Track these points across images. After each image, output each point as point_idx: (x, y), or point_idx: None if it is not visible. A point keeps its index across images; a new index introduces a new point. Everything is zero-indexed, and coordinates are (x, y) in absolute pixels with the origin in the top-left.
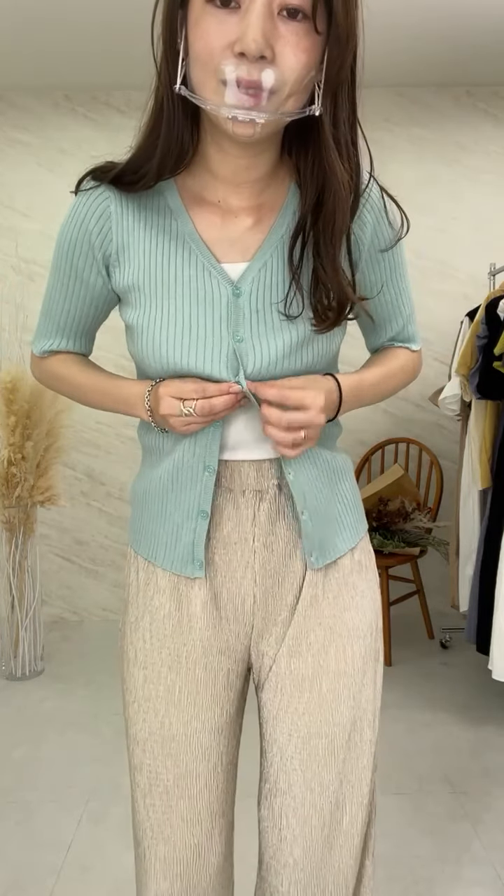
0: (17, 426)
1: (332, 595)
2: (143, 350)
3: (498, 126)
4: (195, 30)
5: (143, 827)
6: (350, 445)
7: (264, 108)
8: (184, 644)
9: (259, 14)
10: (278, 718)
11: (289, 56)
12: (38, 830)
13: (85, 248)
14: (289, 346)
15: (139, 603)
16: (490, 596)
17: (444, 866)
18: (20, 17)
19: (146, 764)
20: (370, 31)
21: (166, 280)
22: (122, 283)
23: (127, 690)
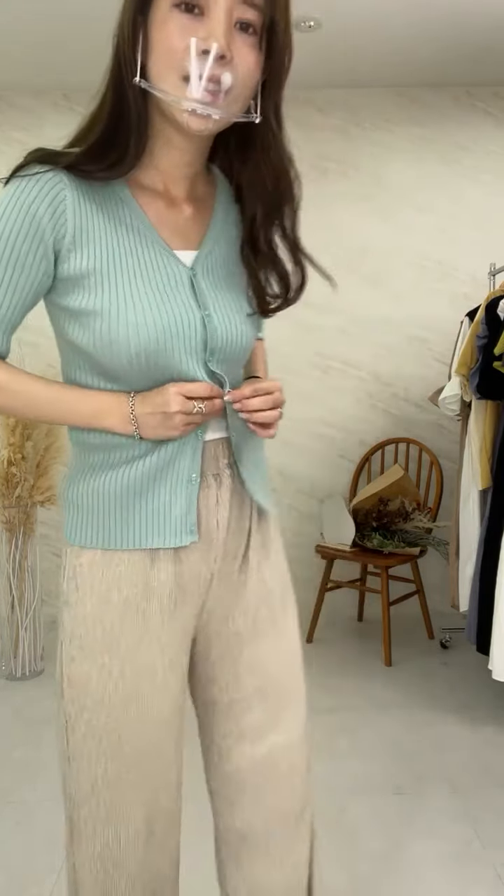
0: (17, 426)
1: (269, 558)
2: (109, 330)
3: (498, 126)
4: (160, 31)
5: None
6: (350, 445)
7: (220, 107)
8: (147, 621)
9: (223, 20)
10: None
11: (242, 62)
12: (38, 830)
13: (31, 232)
14: (243, 323)
15: (94, 594)
16: (490, 596)
17: (444, 866)
18: (20, 17)
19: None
20: (370, 32)
21: (129, 263)
22: (78, 268)
23: (86, 686)
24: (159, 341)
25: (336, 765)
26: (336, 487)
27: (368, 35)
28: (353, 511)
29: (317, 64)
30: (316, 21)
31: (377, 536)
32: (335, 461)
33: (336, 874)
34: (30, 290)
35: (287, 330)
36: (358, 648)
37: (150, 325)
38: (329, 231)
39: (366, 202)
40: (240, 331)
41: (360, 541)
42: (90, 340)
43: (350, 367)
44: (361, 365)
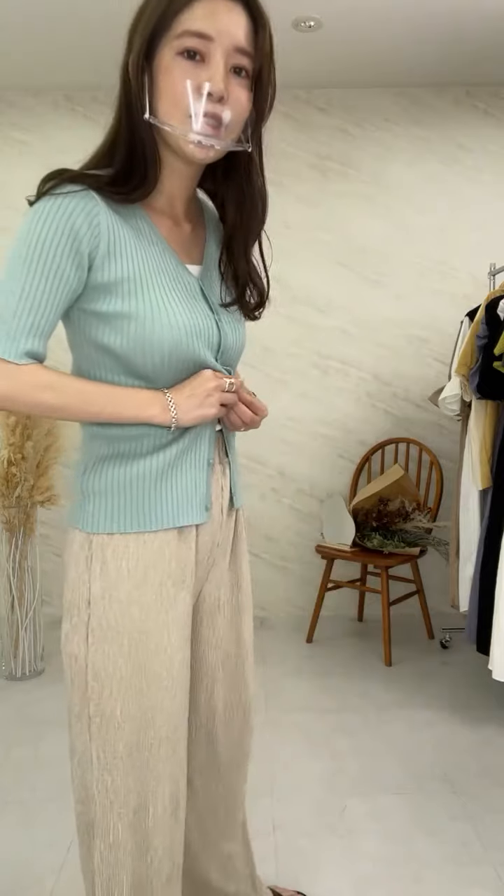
0: (17, 426)
1: (240, 538)
2: (144, 331)
3: (498, 126)
4: (166, 76)
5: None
6: (350, 445)
7: (220, 138)
8: (176, 595)
9: (221, 67)
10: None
11: (236, 100)
12: (38, 830)
13: (70, 243)
14: (240, 327)
15: (130, 576)
16: (490, 596)
17: (444, 866)
18: (20, 17)
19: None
20: (370, 32)
21: (155, 272)
22: (111, 276)
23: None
24: (188, 341)
25: (336, 765)
26: (336, 487)
27: (368, 35)
28: (353, 511)
29: (317, 64)
30: (316, 21)
31: (377, 536)
32: (335, 461)
33: (336, 874)
34: (65, 298)
35: (287, 330)
36: (358, 648)
37: (180, 326)
38: (329, 231)
39: (366, 202)
40: (240, 333)
41: (360, 541)
42: (123, 342)
43: (350, 367)
44: (361, 365)
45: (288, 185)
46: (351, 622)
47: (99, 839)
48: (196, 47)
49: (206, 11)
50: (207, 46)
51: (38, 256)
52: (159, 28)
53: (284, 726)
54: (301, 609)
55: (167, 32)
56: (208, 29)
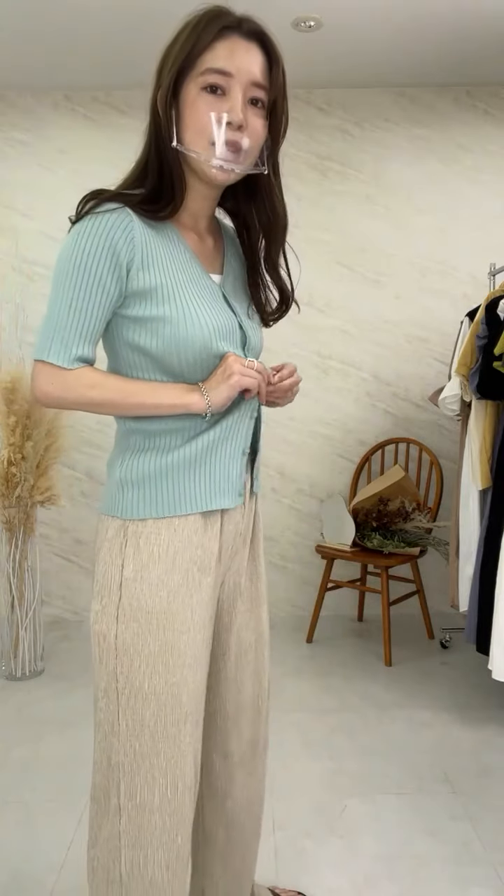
0: (17, 426)
1: (258, 531)
2: (176, 334)
3: (498, 126)
4: (192, 108)
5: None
6: (350, 445)
7: (240, 163)
8: (202, 578)
9: (240, 100)
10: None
11: (254, 128)
12: (38, 830)
13: (110, 256)
14: (259, 330)
15: (161, 560)
16: (490, 596)
17: (444, 866)
18: (21, 17)
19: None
20: (370, 32)
21: (185, 280)
22: (146, 284)
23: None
24: (216, 340)
25: (336, 765)
26: (336, 487)
27: (368, 35)
28: (353, 511)
29: (317, 64)
30: (316, 21)
31: (377, 536)
32: (335, 461)
33: (336, 874)
34: (108, 307)
35: (287, 330)
36: (358, 648)
37: (209, 326)
38: (329, 231)
39: (366, 202)
40: (259, 335)
41: (360, 541)
42: (159, 343)
43: (350, 367)
44: (361, 365)
45: (288, 185)
46: (351, 622)
47: (127, 799)
48: (218, 83)
49: (226, 51)
50: (228, 82)
51: (84, 271)
52: (185, 66)
53: (284, 726)
54: (301, 609)
55: (192, 70)
56: (228, 66)
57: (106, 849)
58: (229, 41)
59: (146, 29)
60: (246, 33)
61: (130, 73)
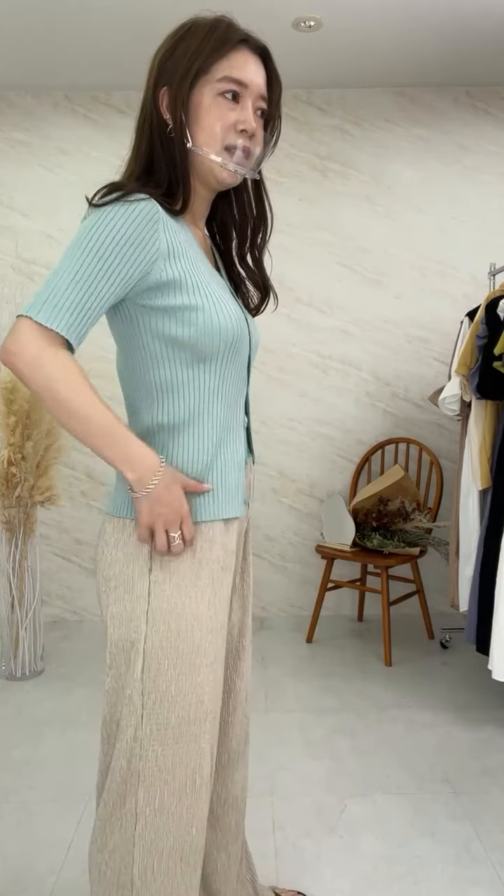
0: (17, 426)
1: (249, 529)
2: (208, 322)
3: (498, 126)
4: (207, 113)
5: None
6: (350, 445)
7: (249, 167)
8: (224, 577)
9: (251, 110)
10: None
11: (260, 138)
12: (38, 830)
13: (139, 243)
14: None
15: (190, 562)
16: (490, 596)
17: (444, 866)
18: (21, 17)
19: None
20: (370, 32)
21: (204, 271)
22: (175, 274)
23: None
24: (241, 327)
25: (336, 765)
26: (336, 487)
27: (368, 35)
28: (353, 511)
29: (317, 64)
30: (316, 21)
31: (377, 536)
32: (335, 461)
33: (336, 874)
34: (120, 292)
35: (287, 330)
36: (358, 648)
37: (234, 315)
38: (329, 231)
39: (366, 202)
40: (257, 328)
41: (360, 541)
42: (192, 331)
43: (350, 367)
44: (361, 365)
45: (288, 185)
46: (351, 622)
47: (145, 804)
48: (235, 90)
49: (242, 62)
50: (243, 91)
51: (106, 250)
52: (201, 70)
53: (284, 726)
54: (301, 609)
55: (206, 75)
56: (245, 77)
57: (117, 854)
58: (243, 53)
59: (146, 29)
60: (253, 48)
61: (130, 73)
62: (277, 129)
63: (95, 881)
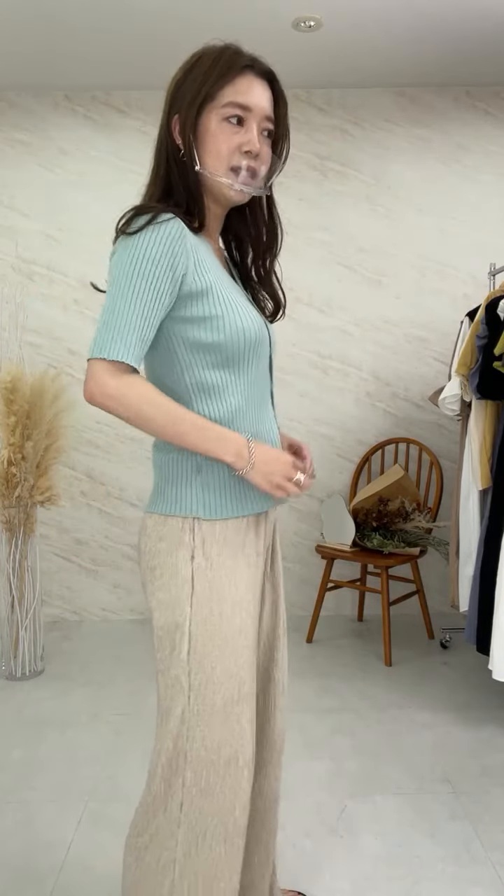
0: (17, 426)
1: (276, 522)
2: (234, 327)
3: (498, 126)
4: (214, 137)
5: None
6: (350, 445)
7: (257, 187)
8: (257, 568)
9: (256, 132)
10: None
11: (265, 157)
12: (38, 830)
13: (169, 266)
14: None
15: (230, 555)
16: (490, 596)
17: (444, 866)
18: (21, 17)
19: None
20: (371, 32)
21: (224, 281)
22: (201, 285)
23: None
24: (261, 330)
25: (336, 765)
26: (336, 487)
27: (369, 35)
28: (353, 511)
29: (317, 64)
30: (316, 21)
31: (377, 536)
32: (335, 461)
33: (336, 874)
34: (162, 315)
35: (287, 330)
36: (358, 648)
37: (255, 319)
38: (329, 231)
39: (366, 202)
40: (273, 335)
41: (360, 541)
42: (220, 336)
43: (350, 367)
44: (361, 365)
45: (288, 185)
46: (351, 622)
47: (192, 785)
48: (240, 115)
49: (246, 87)
50: (247, 115)
51: (147, 278)
52: (207, 97)
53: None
54: (301, 609)
55: (213, 101)
56: (249, 102)
57: (160, 836)
58: (247, 79)
59: (147, 30)
60: (259, 72)
61: (130, 73)
62: (286, 147)
63: (134, 864)
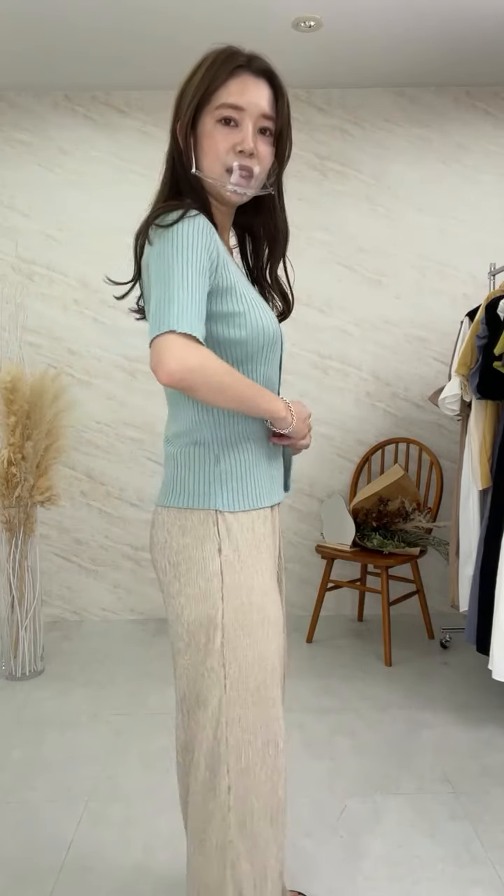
0: (17, 426)
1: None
2: (256, 324)
3: (498, 126)
4: (209, 139)
5: (271, 679)
6: (350, 445)
7: (251, 187)
8: (272, 558)
9: (250, 131)
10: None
11: (263, 156)
12: (38, 830)
13: (208, 248)
14: None
15: (251, 545)
16: (490, 596)
17: (444, 866)
18: (21, 16)
19: (276, 629)
20: (371, 31)
21: (244, 281)
22: (228, 282)
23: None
24: (277, 328)
25: (336, 765)
26: (336, 487)
27: (369, 35)
28: (353, 511)
29: (317, 64)
30: (316, 21)
31: (377, 536)
32: (335, 461)
33: (336, 874)
34: (207, 291)
35: (287, 330)
36: (358, 648)
37: (272, 318)
38: (329, 231)
39: (366, 202)
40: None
41: (360, 541)
42: (244, 332)
43: (350, 367)
44: (361, 365)
45: (288, 186)
46: (351, 622)
47: (235, 767)
48: (231, 116)
49: (238, 88)
50: (240, 115)
51: (192, 259)
52: (202, 102)
53: (285, 726)
54: (301, 609)
55: (208, 105)
56: (240, 102)
57: (215, 820)
58: (241, 79)
59: (147, 29)
60: (255, 71)
61: (130, 73)
62: (289, 143)
63: (196, 850)
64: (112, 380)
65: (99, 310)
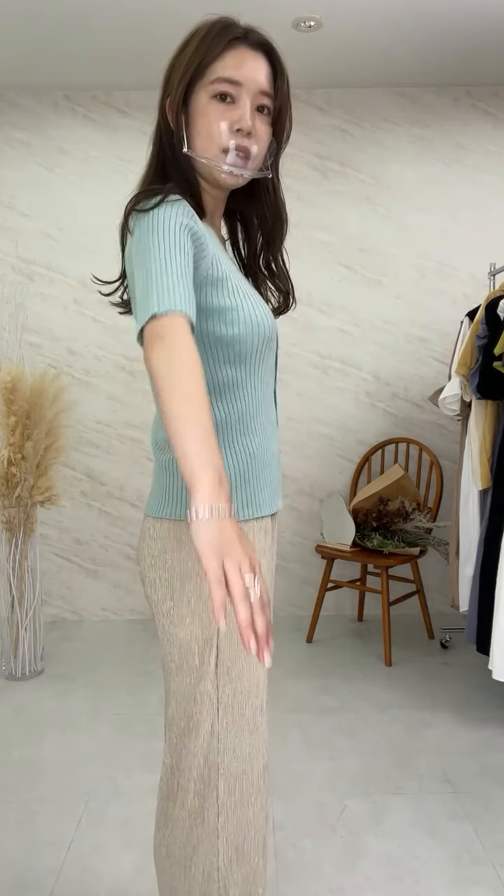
0: (17, 426)
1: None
2: (250, 320)
3: (498, 126)
4: (203, 116)
5: (259, 699)
6: (350, 445)
7: (248, 168)
8: (270, 571)
9: (248, 108)
10: None
11: (261, 134)
12: (38, 830)
13: (189, 228)
14: None
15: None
16: (490, 596)
17: (444, 866)
18: (21, 16)
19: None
20: (370, 31)
21: (236, 273)
22: (218, 273)
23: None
24: (272, 324)
25: (336, 765)
26: (336, 487)
27: (368, 35)
28: (353, 511)
29: (317, 64)
30: (316, 21)
31: (377, 536)
32: (335, 461)
33: (336, 874)
34: (192, 266)
35: (287, 330)
36: (358, 648)
37: (267, 313)
38: (329, 231)
39: (366, 202)
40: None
41: (360, 541)
42: (237, 330)
43: (350, 367)
44: (361, 365)
45: (288, 185)
46: (351, 622)
47: (226, 797)
48: (228, 91)
49: (235, 61)
50: (237, 90)
51: (169, 241)
52: (196, 75)
53: (284, 726)
54: (301, 609)
55: (202, 79)
56: (237, 76)
57: (202, 847)
58: (238, 51)
59: (147, 29)
60: (252, 44)
61: (130, 73)
62: (289, 122)
63: (179, 877)
64: (112, 380)
65: (99, 310)
